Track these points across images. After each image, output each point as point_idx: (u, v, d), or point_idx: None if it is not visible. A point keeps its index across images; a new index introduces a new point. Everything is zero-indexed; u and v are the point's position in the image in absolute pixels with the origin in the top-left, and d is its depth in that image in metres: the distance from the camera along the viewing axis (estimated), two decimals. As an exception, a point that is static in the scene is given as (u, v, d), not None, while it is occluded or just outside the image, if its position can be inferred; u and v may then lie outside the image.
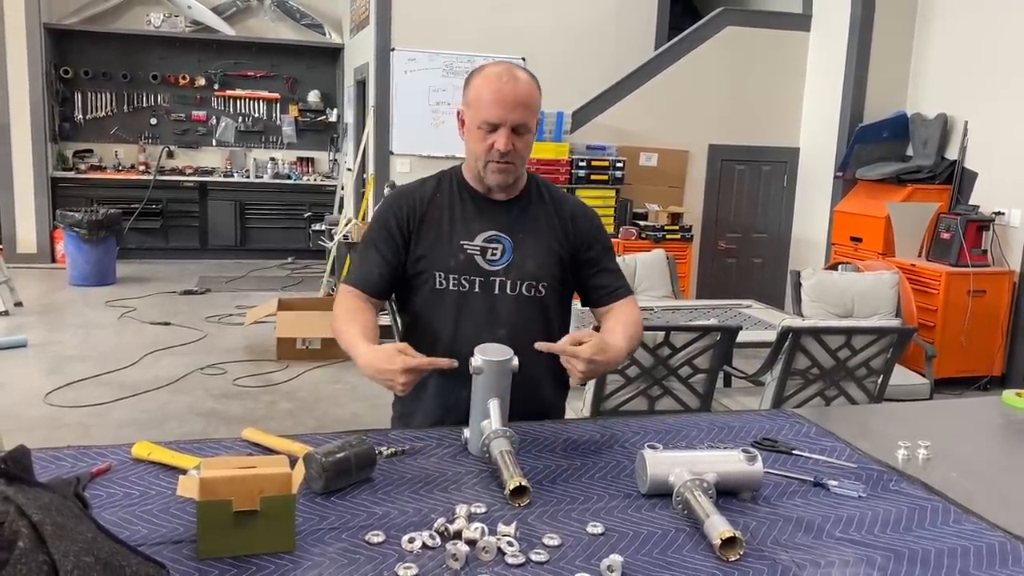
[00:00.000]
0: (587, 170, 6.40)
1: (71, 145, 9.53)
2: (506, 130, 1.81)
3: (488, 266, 1.90)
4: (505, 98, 1.80)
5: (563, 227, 1.97)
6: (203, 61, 9.87)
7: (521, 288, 1.91)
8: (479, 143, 1.84)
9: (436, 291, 1.90)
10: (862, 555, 1.30)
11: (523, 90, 1.82)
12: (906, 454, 1.72)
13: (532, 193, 1.98)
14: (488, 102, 1.80)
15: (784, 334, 3.28)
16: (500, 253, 1.91)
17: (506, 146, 1.81)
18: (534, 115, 1.85)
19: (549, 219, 1.96)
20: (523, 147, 1.85)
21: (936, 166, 6.17)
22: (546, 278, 1.93)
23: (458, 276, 1.89)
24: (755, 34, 7.14)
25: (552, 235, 1.95)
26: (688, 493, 1.38)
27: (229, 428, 4.37)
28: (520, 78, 1.83)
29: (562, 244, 1.96)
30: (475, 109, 1.83)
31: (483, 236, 1.91)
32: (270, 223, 9.78)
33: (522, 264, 1.91)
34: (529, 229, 1.93)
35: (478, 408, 1.63)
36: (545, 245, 1.94)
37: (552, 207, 1.98)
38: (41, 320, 6.65)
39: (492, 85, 1.81)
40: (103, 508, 1.33)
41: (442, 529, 1.29)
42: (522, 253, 1.91)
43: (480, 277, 1.89)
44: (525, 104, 1.82)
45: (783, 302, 6.77)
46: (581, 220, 2.00)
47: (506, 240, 1.91)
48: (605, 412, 3.29)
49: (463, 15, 7.35)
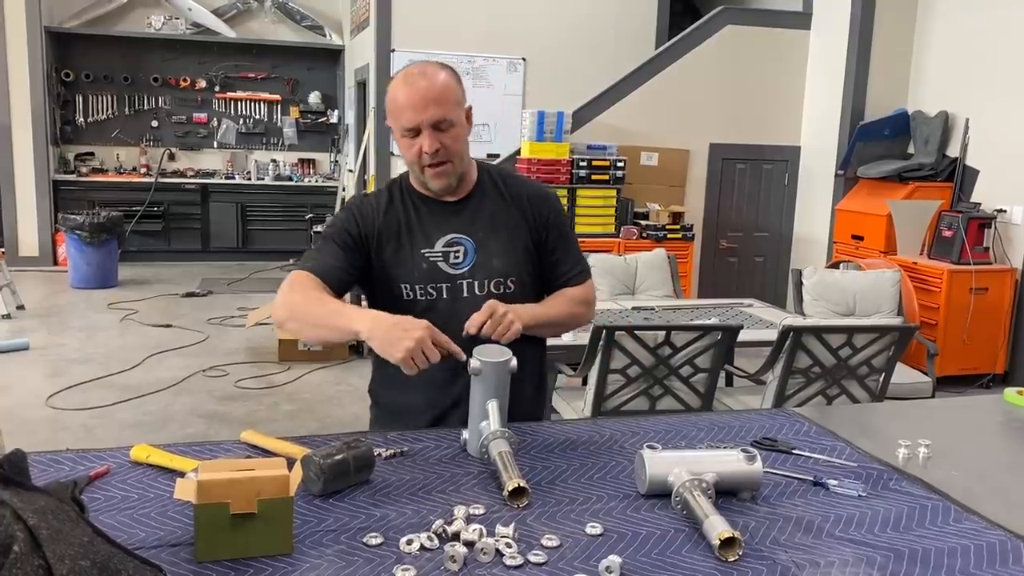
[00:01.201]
0: (588, 170, 6.39)
1: (72, 148, 9.55)
2: (427, 131, 1.76)
3: (453, 270, 1.86)
4: (415, 99, 1.75)
5: (522, 214, 1.92)
6: (204, 63, 9.88)
7: (489, 287, 1.86)
8: (408, 150, 1.80)
9: (404, 303, 1.85)
10: (862, 555, 1.30)
11: (434, 86, 1.76)
12: (907, 453, 1.71)
13: (485, 186, 1.93)
14: (402, 107, 1.76)
15: (785, 333, 3.28)
16: (463, 255, 1.86)
17: (431, 146, 1.76)
18: (455, 108, 1.79)
19: (508, 210, 1.91)
20: (452, 142, 1.79)
21: (937, 163, 6.16)
22: (514, 273, 1.89)
23: (424, 285, 1.85)
24: (755, 33, 7.12)
25: (513, 227, 1.91)
26: (687, 493, 1.38)
27: (231, 430, 4.38)
28: (431, 75, 1.77)
29: (525, 235, 1.91)
30: (394, 117, 1.79)
31: (443, 241, 1.86)
32: (272, 225, 9.79)
33: (488, 263, 1.87)
34: (489, 226, 1.89)
35: (477, 409, 1.63)
36: (508, 239, 1.89)
37: (508, 197, 1.93)
38: (43, 323, 6.66)
39: (404, 89, 1.76)
40: (101, 511, 1.33)
41: (440, 531, 1.29)
42: (486, 252, 1.87)
43: (447, 283, 1.85)
44: (437, 99, 1.75)
45: (784, 301, 6.76)
46: (538, 204, 1.95)
47: (467, 241, 1.87)
48: (606, 412, 3.29)
49: (463, 16, 7.35)
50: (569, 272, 1.97)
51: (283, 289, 1.80)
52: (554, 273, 1.97)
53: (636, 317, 4.08)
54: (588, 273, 2.01)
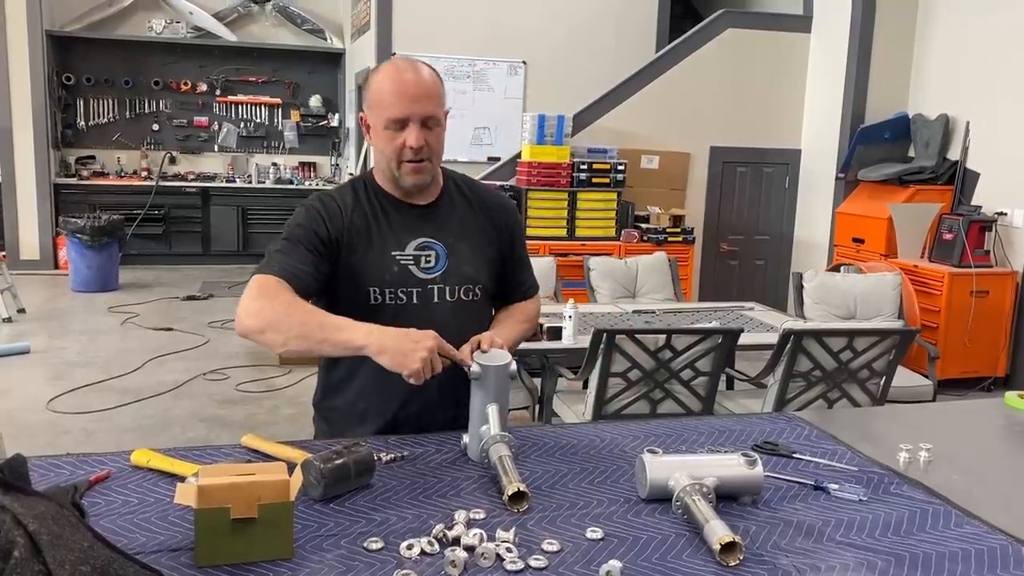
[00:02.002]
0: (588, 173, 6.39)
1: (73, 151, 9.56)
2: (415, 124, 1.71)
3: (424, 275, 1.82)
4: (408, 91, 1.70)
5: (490, 223, 1.91)
6: (205, 67, 9.89)
7: (460, 293, 1.84)
8: (388, 143, 1.74)
9: (372, 307, 1.78)
10: (863, 559, 1.29)
11: (426, 81, 1.73)
12: (907, 457, 1.71)
13: (452, 192, 1.90)
14: (392, 98, 1.70)
15: (786, 336, 3.28)
16: (435, 260, 1.83)
17: (418, 141, 1.71)
18: (441, 107, 1.76)
19: (476, 218, 1.90)
20: (435, 142, 1.76)
21: (938, 167, 6.16)
22: (481, 280, 1.87)
23: (394, 289, 1.80)
24: (756, 36, 7.13)
25: (481, 234, 1.89)
26: (688, 498, 1.38)
27: (231, 433, 4.37)
28: (421, 71, 1.74)
29: (491, 243, 1.91)
30: (378, 108, 1.73)
31: (414, 244, 1.82)
32: (272, 228, 9.76)
33: (458, 269, 1.84)
34: (459, 231, 1.87)
35: (477, 413, 1.62)
36: (477, 246, 1.88)
37: (475, 204, 1.91)
38: (44, 326, 6.66)
39: (393, 80, 1.72)
40: (101, 516, 1.33)
41: (440, 535, 1.29)
42: (457, 258, 1.84)
43: (417, 288, 1.81)
44: (429, 95, 1.72)
45: (785, 304, 6.75)
46: (502, 214, 1.95)
47: (438, 246, 1.84)
48: (607, 416, 3.29)
49: (463, 19, 7.36)
50: (526, 282, 2.01)
51: (250, 295, 1.65)
52: (513, 282, 1.99)
53: (637, 320, 4.08)
54: (538, 285, 2.06)
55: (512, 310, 1.98)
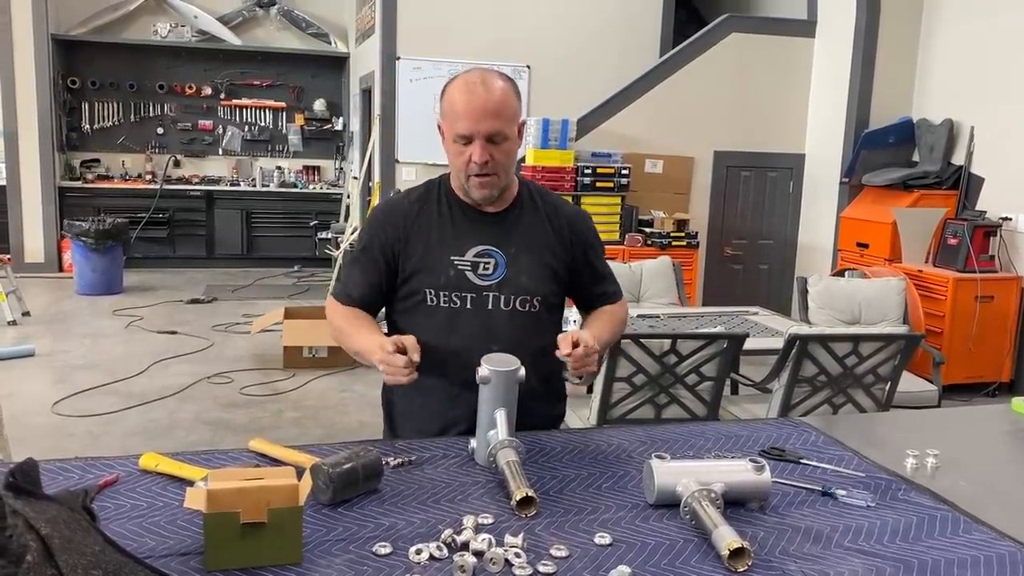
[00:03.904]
0: (592, 177, 6.40)
1: (78, 155, 9.58)
2: (480, 141, 1.74)
3: (480, 281, 1.84)
4: (475, 109, 1.73)
5: (558, 236, 1.92)
6: (209, 70, 9.91)
7: (515, 303, 1.86)
8: (457, 156, 1.79)
9: (427, 308, 1.85)
10: (870, 565, 1.29)
11: (495, 98, 1.74)
12: (915, 463, 1.71)
13: (524, 202, 1.92)
14: (459, 114, 1.74)
15: (791, 341, 3.28)
16: (493, 268, 1.85)
17: (481, 157, 1.75)
18: (511, 122, 1.78)
19: (543, 229, 1.91)
20: (502, 156, 1.78)
21: (942, 171, 6.16)
22: (540, 292, 1.88)
23: (449, 293, 1.83)
24: (760, 41, 7.14)
25: (547, 247, 1.90)
26: (696, 503, 1.38)
27: (236, 437, 4.38)
28: (492, 86, 1.75)
29: (557, 256, 1.91)
30: (450, 121, 1.78)
31: (474, 251, 1.85)
32: (276, 231, 9.80)
33: (516, 279, 1.86)
34: (522, 242, 1.88)
35: (485, 418, 1.63)
36: (539, 259, 1.89)
37: (545, 215, 1.93)
38: (48, 329, 6.67)
39: (463, 96, 1.75)
40: (111, 520, 1.34)
41: (449, 540, 1.29)
42: (516, 268, 1.86)
43: (472, 293, 1.84)
44: (497, 113, 1.74)
45: (790, 309, 6.74)
46: (577, 228, 1.97)
47: (498, 254, 1.86)
48: (612, 420, 3.29)
49: (468, 24, 7.37)
50: (608, 290, 2.04)
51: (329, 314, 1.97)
52: (595, 292, 2.02)
53: (641, 325, 4.08)
54: (622, 292, 2.09)
55: (601, 312, 2.01)
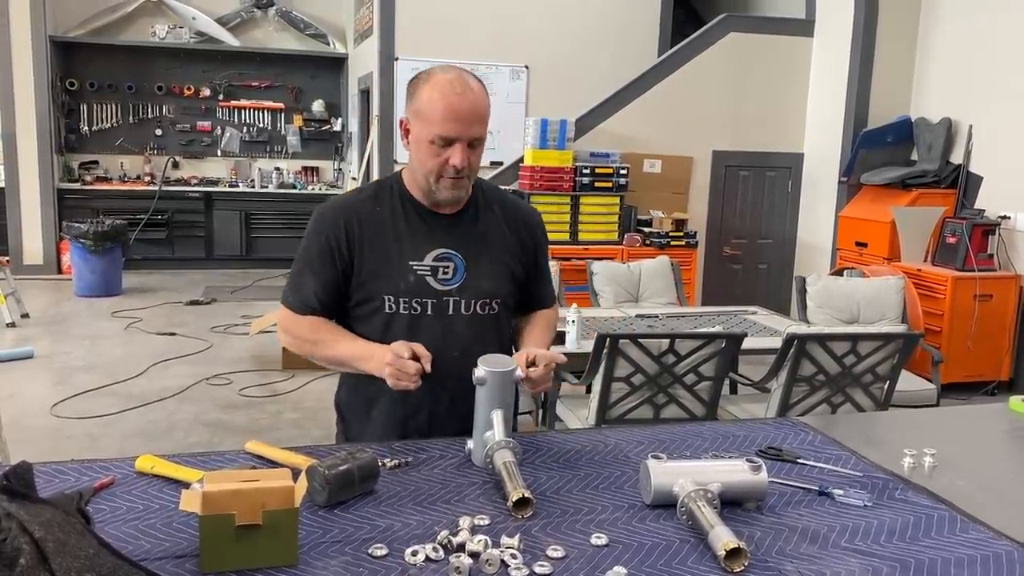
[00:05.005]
0: (591, 177, 6.39)
1: (77, 156, 9.58)
2: (461, 145, 1.70)
3: (440, 286, 1.80)
4: (460, 112, 1.67)
5: (516, 237, 1.89)
6: (208, 72, 9.91)
7: (476, 307, 1.82)
8: (431, 158, 1.72)
9: (385, 315, 1.79)
10: (867, 565, 1.29)
11: (478, 102, 1.70)
12: (912, 462, 1.71)
13: (479, 203, 1.87)
14: (442, 116, 1.67)
15: (789, 341, 3.28)
16: (452, 272, 1.80)
17: (463, 162, 1.70)
18: (487, 126, 1.75)
19: (500, 230, 1.88)
20: (476, 160, 1.75)
21: (941, 170, 6.16)
22: (500, 294, 1.85)
23: (409, 299, 1.78)
24: (758, 40, 7.14)
25: (504, 248, 1.87)
26: (692, 503, 1.37)
27: (235, 438, 4.38)
28: (473, 87, 1.71)
29: (514, 255, 1.89)
30: (427, 122, 1.70)
31: (433, 255, 1.80)
32: (275, 232, 9.80)
33: (476, 283, 1.82)
34: (480, 244, 1.84)
35: (481, 419, 1.62)
36: (498, 260, 1.86)
37: (501, 216, 1.89)
38: (47, 331, 6.67)
39: (445, 97, 1.67)
40: (106, 523, 1.33)
41: (445, 541, 1.29)
42: (476, 271, 1.82)
43: (432, 299, 1.79)
44: (481, 117, 1.71)
45: (789, 308, 6.75)
46: (531, 227, 1.94)
47: (457, 258, 1.81)
48: (610, 421, 3.29)
49: (466, 24, 7.38)
50: (545, 294, 2.02)
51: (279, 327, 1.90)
52: (535, 295, 1.99)
53: (640, 325, 4.08)
54: (555, 296, 2.10)
55: (535, 319, 1.99)
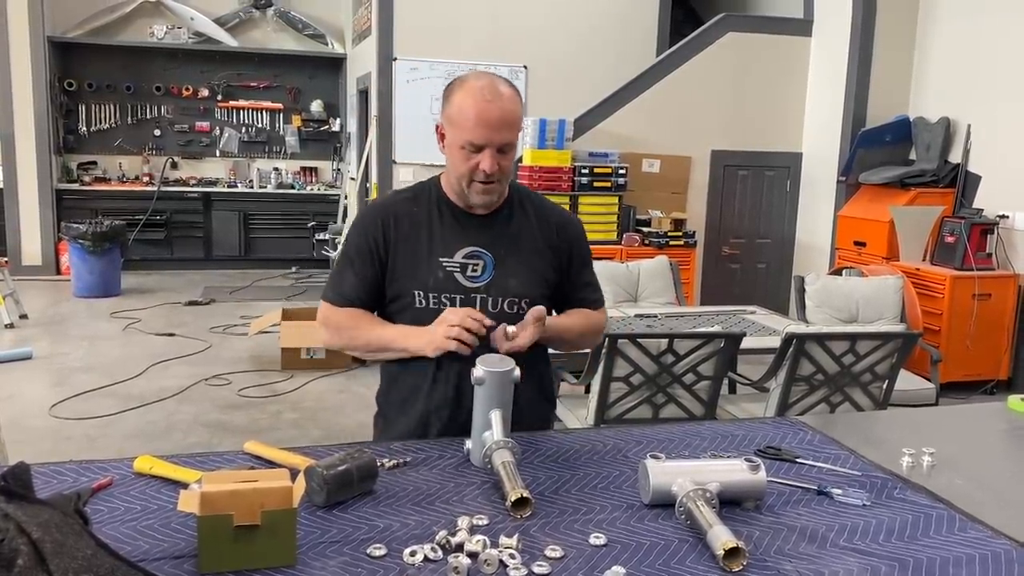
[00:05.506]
0: (590, 177, 6.39)
1: (75, 157, 9.57)
2: (492, 151, 1.74)
3: (469, 283, 1.84)
4: (491, 119, 1.72)
5: (547, 241, 1.91)
6: (206, 72, 9.90)
7: (503, 305, 1.85)
8: (463, 163, 1.77)
9: (416, 310, 1.84)
10: (866, 564, 1.29)
11: (508, 108, 1.74)
12: (911, 461, 1.71)
13: (514, 205, 1.91)
14: (473, 122, 1.72)
15: (788, 340, 3.28)
16: (481, 269, 1.85)
17: (492, 167, 1.74)
18: (518, 131, 1.79)
19: (533, 233, 1.90)
20: (507, 165, 1.79)
21: (939, 169, 6.16)
22: (528, 295, 1.86)
23: (438, 294, 1.83)
24: (757, 40, 7.14)
25: (535, 251, 1.90)
26: (691, 503, 1.37)
27: (234, 439, 4.37)
28: (504, 94, 1.75)
29: (545, 259, 1.91)
30: (458, 128, 1.75)
31: (463, 252, 1.85)
32: (274, 233, 9.80)
33: (504, 282, 1.85)
34: (511, 245, 1.88)
35: (480, 419, 1.62)
36: (527, 262, 1.88)
37: (535, 220, 1.92)
38: (46, 332, 6.67)
39: (476, 104, 1.72)
40: (104, 523, 1.33)
41: (444, 542, 1.29)
42: (504, 270, 1.85)
43: (460, 295, 1.83)
44: (511, 123, 1.75)
45: (787, 307, 6.74)
46: (567, 230, 1.96)
47: (487, 256, 1.85)
48: (609, 420, 3.29)
49: (465, 24, 7.37)
50: (586, 297, 2.01)
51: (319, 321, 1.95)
52: (575, 297, 1.99)
53: (639, 325, 4.08)
54: (603, 301, 2.05)
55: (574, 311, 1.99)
